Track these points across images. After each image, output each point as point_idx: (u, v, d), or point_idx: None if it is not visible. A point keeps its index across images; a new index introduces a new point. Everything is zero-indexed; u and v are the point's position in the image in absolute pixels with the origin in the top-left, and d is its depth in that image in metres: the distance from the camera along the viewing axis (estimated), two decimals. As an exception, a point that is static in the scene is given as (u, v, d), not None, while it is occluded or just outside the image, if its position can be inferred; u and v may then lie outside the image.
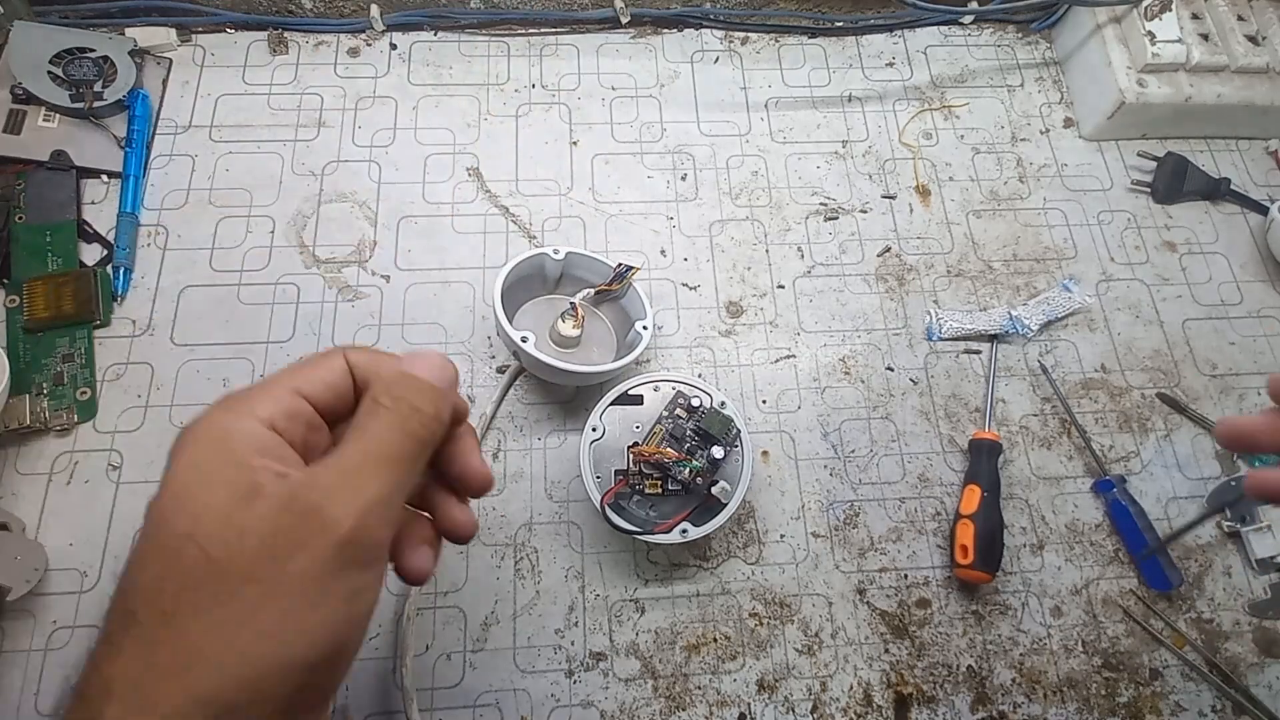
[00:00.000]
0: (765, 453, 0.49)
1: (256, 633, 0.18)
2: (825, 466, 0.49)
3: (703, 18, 0.61)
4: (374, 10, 0.58)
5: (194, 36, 0.57)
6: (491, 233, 0.53)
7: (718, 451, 0.42)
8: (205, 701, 0.17)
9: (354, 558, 0.19)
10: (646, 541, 0.44)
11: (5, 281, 0.48)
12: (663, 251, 0.54)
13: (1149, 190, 0.58)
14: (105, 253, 0.50)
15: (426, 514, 0.25)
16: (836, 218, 0.56)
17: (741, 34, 0.62)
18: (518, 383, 0.50)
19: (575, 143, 0.57)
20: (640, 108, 0.58)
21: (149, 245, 0.51)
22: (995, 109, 0.61)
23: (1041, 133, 0.60)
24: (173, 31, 0.56)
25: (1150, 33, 0.57)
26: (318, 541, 0.19)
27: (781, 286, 0.53)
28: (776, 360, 0.51)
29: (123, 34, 0.55)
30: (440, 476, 0.25)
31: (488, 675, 0.43)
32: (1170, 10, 0.57)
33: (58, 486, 0.45)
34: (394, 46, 0.59)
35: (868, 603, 0.46)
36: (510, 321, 0.45)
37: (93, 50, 0.52)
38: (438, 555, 0.25)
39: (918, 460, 0.49)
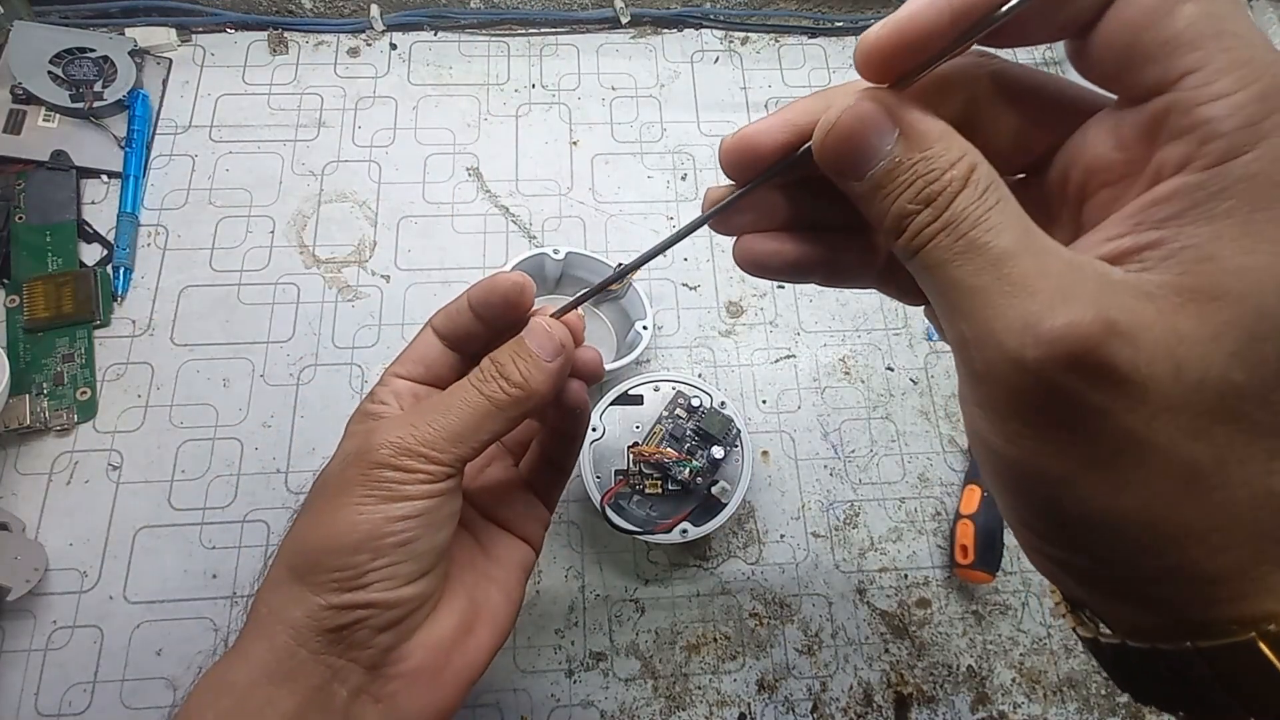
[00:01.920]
0: (765, 453, 0.49)
1: (316, 520, 0.25)
2: (825, 466, 0.49)
3: (703, 18, 0.61)
4: (374, 10, 0.58)
5: (194, 36, 0.57)
6: (491, 233, 0.53)
7: (718, 451, 0.42)
8: (286, 567, 0.25)
9: (391, 469, 0.24)
10: (646, 541, 0.44)
11: (5, 281, 0.48)
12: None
13: (1149, 190, 0.58)
14: (105, 253, 0.50)
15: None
16: (836, 218, 0.56)
17: (741, 34, 0.62)
18: (518, 383, 0.50)
19: (575, 143, 0.57)
20: (640, 108, 0.58)
21: (149, 245, 0.51)
22: (995, 109, 0.61)
23: (1041, 133, 0.60)
24: (173, 31, 0.56)
25: (1150, 33, 0.56)
26: (363, 459, 0.24)
27: (781, 286, 0.53)
28: (776, 360, 0.51)
29: (123, 34, 0.55)
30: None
31: (488, 675, 0.43)
32: (1170, 10, 0.57)
33: (58, 486, 0.45)
34: (394, 46, 0.59)
35: (868, 603, 0.46)
36: (510, 321, 0.45)
37: (93, 50, 0.52)
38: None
39: (918, 460, 0.49)
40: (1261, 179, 0.14)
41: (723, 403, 0.44)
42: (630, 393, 0.45)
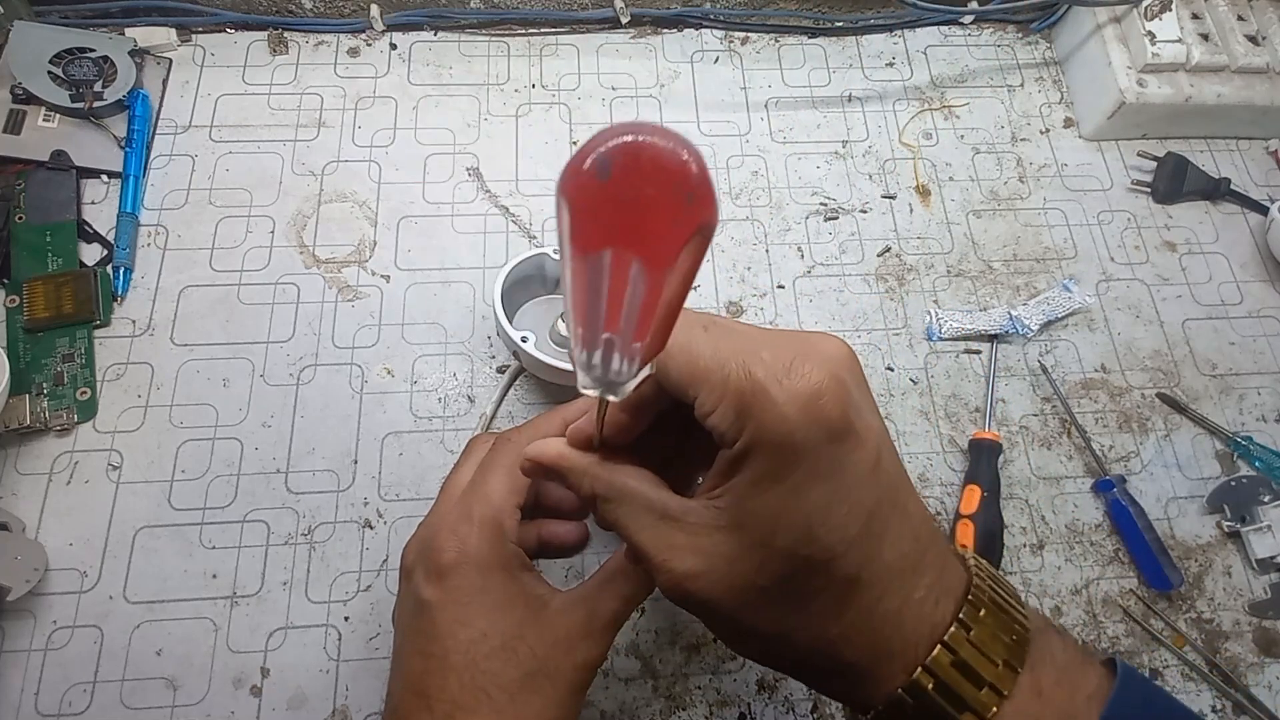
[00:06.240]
0: (765, 453, 0.49)
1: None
2: (825, 466, 0.49)
3: (703, 18, 0.61)
4: (374, 10, 0.58)
5: (194, 36, 0.57)
6: (491, 233, 0.53)
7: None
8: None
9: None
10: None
11: (5, 281, 0.48)
12: (663, 251, 0.54)
13: (1149, 190, 0.58)
14: (105, 253, 0.50)
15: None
16: (836, 218, 0.56)
17: (741, 34, 0.62)
18: (518, 383, 0.50)
19: (575, 143, 0.57)
20: (640, 108, 0.58)
21: (149, 245, 0.51)
22: (995, 109, 0.61)
23: (1041, 133, 0.60)
24: (173, 31, 0.56)
25: (1150, 33, 0.57)
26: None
27: (781, 286, 0.53)
28: (776, 360, 0.51)
29: (123, 34, 0.55)
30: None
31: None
32: (1170, 10, 0.57)
33: (58, 486, 0.45)
34: (394, 46, 0.59)
35: (868, 603, 0.46)
36: (510, 321, 0.45)
37: (93, 50, 0.52)
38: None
39: (918, 460, 0.49)
40: (749, 454, 0.23)
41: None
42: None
